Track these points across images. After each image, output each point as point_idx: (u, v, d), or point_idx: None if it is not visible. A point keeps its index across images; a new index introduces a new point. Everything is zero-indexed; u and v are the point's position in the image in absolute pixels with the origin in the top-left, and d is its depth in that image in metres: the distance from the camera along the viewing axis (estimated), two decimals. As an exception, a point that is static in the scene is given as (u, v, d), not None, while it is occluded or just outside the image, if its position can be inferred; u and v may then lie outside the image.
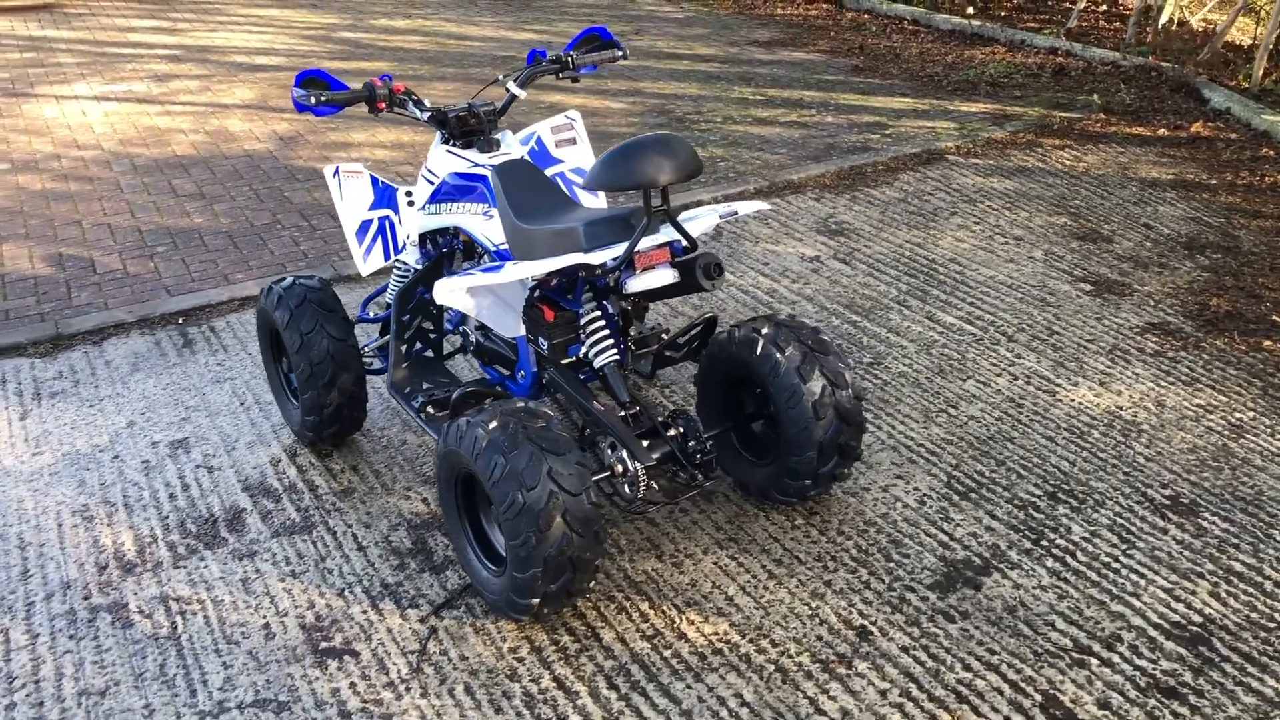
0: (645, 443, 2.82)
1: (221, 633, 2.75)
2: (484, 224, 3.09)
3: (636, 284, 2.73)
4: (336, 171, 3.26)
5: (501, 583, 2.65)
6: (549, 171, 3.45)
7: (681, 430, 2.87)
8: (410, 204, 3.33)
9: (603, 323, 2.91)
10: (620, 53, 3.44)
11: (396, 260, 3.45)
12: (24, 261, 5.02)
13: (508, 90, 3.38)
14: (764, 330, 2.94)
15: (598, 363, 2.92)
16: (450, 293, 2.76)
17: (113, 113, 7.23)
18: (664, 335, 3.27)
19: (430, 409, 3.13)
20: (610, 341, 2.91)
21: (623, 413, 2.90)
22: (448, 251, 3.34)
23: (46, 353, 4.21)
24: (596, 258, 2.71)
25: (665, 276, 2.75)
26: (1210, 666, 2.51)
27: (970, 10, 8.93)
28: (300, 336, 3.25)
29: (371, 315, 3.63)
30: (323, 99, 3.01)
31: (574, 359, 3.01)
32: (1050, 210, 5.08)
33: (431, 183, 3.27)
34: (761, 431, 3.10)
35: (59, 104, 7.50)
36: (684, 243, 2.75)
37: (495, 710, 2.48)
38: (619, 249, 2.70)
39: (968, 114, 6.49)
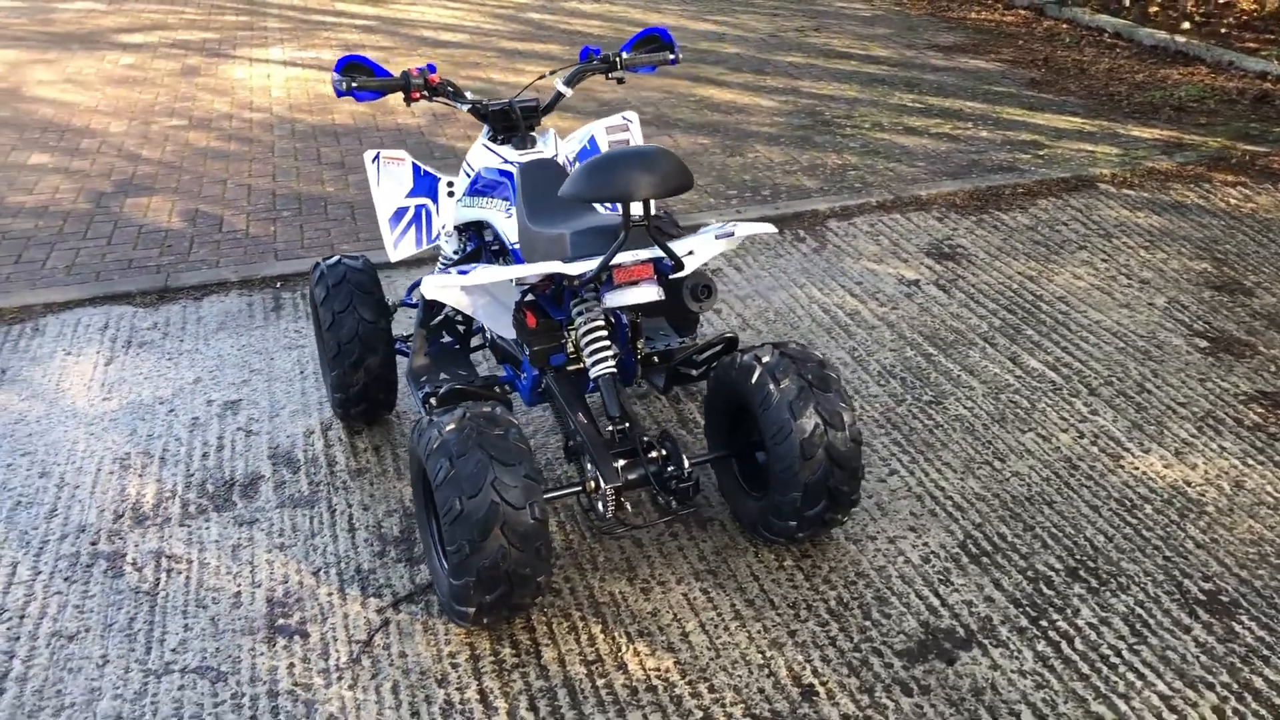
0: (623, 462, 2.73)
1: (195, 595, 2.85)
2: (505, 221, 3.06)
3: (615, 298, 2.65)
4: (377, 157, 3.30)
5: (446, 586, 2.62)
6: (598, 172, 3.38)
7: (664, 453, 2.76)
8: (450, 194, 3.34)
9: (602, 333, 2.83)
10: (671, 56, 3.34)
11: (440, 252, 3.46)
12: (164, 214, 5.34)
13: (555, 88, 3.33)
14: (765, 359, 2.79)
15: (593, 373, 2.84)
16: (439, 289, 2.74)
17: (293, 78, 7.60)
18: (691, 350, 3.16)
19: (433, 400, 3.14)
20: (608, 352, 2.83)
21: (611, 428, 2.81)
22: (495, 246, 3.32)
23: (150, 303, 4.46)
24: (576, 268, 2.63)
25: (647, 293, 2.65)
26: (1183, 792, 2.23)
27: (1185, 25, 8.24)
28: (332, 315, 3.31)
29: (414, 300, 3.67)
30: (353, 85, 3.05)
31: (577, 367, 2.95)
32: (1193, 253, 4.62)
33: (469, 176, 3.26)
34: (762, 463, 2.95)
35: (250, 66, 7.95)
36: (670, 260, 2.64)
37: (411, 713, 2.46)
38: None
39: (1137, 139, 5.99)
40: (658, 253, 2.62)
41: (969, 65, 7.52)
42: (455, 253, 3.38)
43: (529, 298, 2.87)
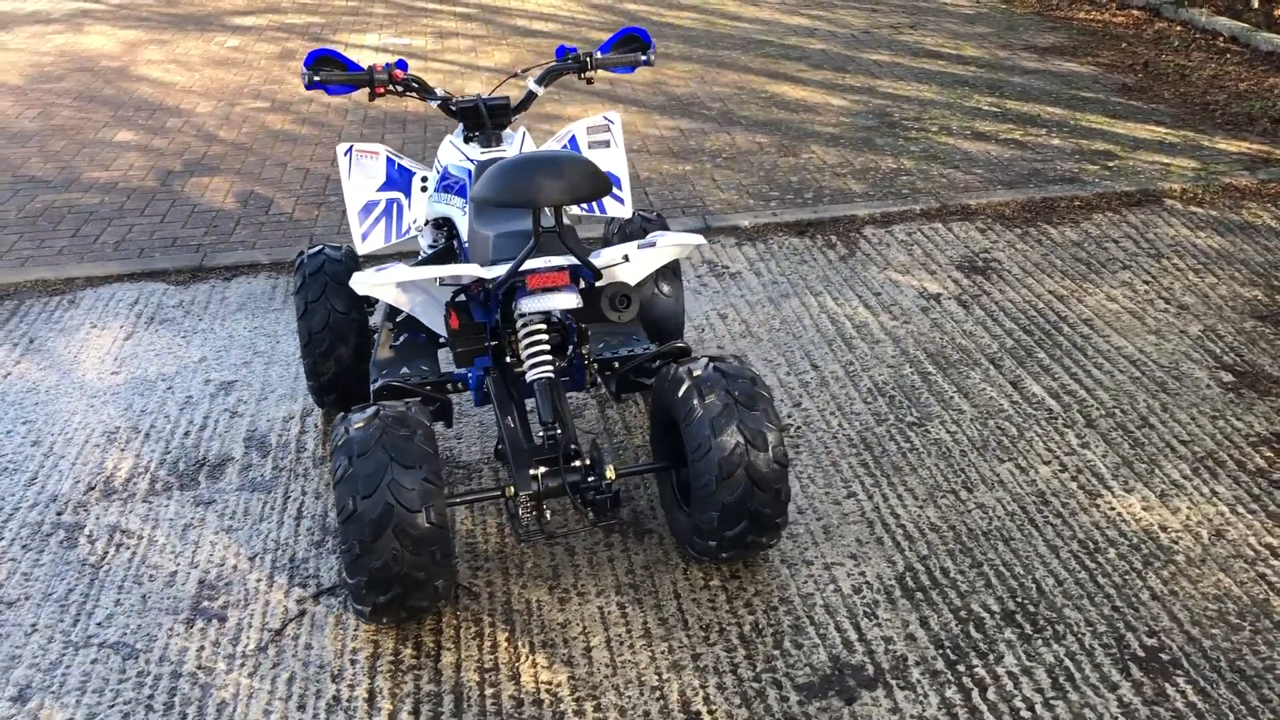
0: (544, 469, 2.70)
1: (135, 572, 2.94)
2: (462, 219, 3.06)
3: (530, 304, 2.62)
4: (349, 150, 3.33)
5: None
6: (577, 173, 3.35)
7: (588, 463, 2.72)
8: (424, 189, 3.35)
9: (540, 337, 2.80)
10: (644, 57, 3.28)
11: (426, 243, 3.48)
12: (220, 194, 5.52)
13: (528, 87, 3.30)
14: (696, 373, 2.72)
15: (529, 377, 2.82)
16: (368, 285, 2.75)
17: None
18: (643, 358, 3.10)
19: (385, 394, 3.15)
20: (545, 357, 2.80)
21: (543, 433, 2.78)
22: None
23: (183, 281, 4.62)
24: (493, 271, 2.61)
25: (562, 300, 2.61)
26: None
27: (1314, 31, 7.69)
28: (305, 303, 3.36)
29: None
30: (316, 78, 3.09)
31: (521, 369, 2.93)
32: (1247, 279, 4.32)
33: (439, 172, 3.27)
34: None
35: (343, 51, 8.13)
36: (591, 267, 2.59)
37: (298, 707, 2.49)
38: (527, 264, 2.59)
39: (1221, 153, 5.62)
40: (573, 260, 2.58)
41: (1061, 68, 7.18)
42: (430, 247, 3.39)
43: (461, 298, 2.86)
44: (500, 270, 2.61)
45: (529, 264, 2.56)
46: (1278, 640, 2.58)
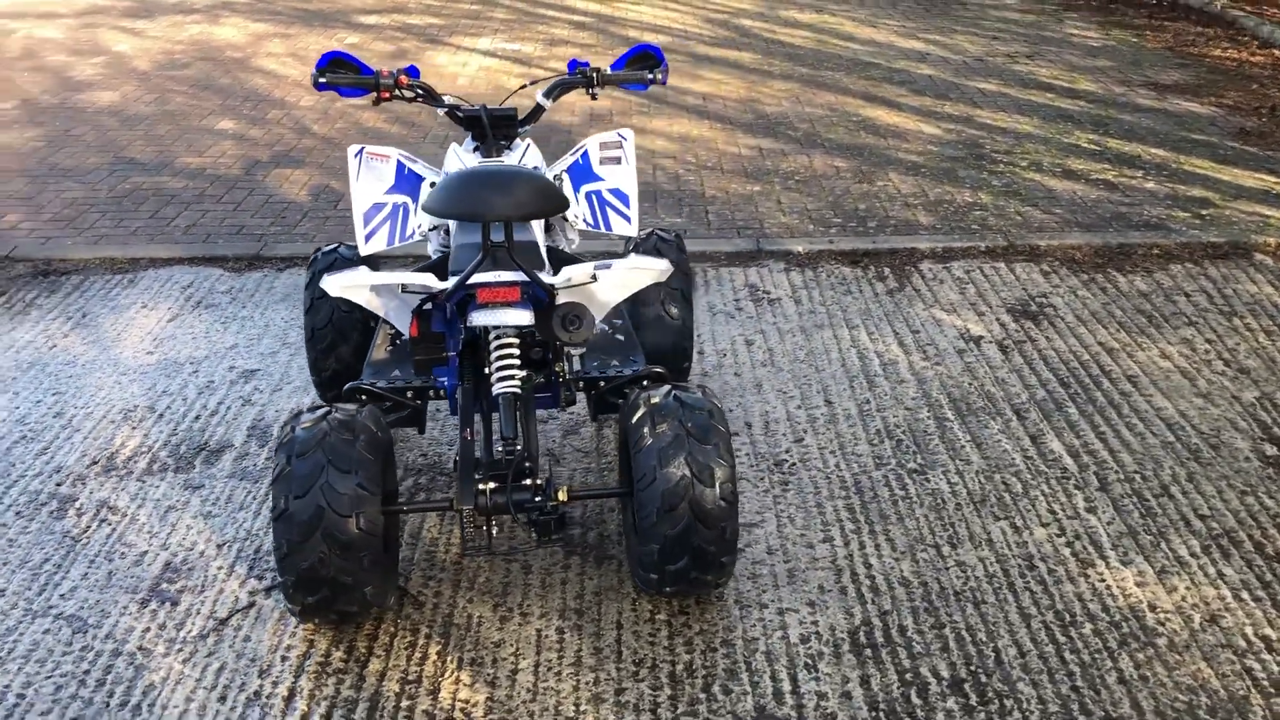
0: (493, 485, 2.67)
1: (109, 548, 3.02)
2: (455, 227, 3.06)
3: (479, 318, 2.59)
4: (360, 152, 3.35)
5: (285, 580, 2.66)
6: (586, 188, 3.32)
7: (539, 483, 2.68)
8: (431, 195, 3.36)
9: (509, 351, 2.77)
10: (651, 76, 3.21)
11: (432, 248, 3.49)
12: (297, 188, 5.67)
13: (536, 100, 3.28)
14: (654, 400, 2.65)
15: (494, 390, 2.79)
16: (339, 288, 2.76)
17: (485, 68, 7.88)
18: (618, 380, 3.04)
19: (355, 396, 3.17)
20: (512, 371, 2.77)
21: (501, 448, 2.75)
22: None
23: (238, 269, 4.76)
24: (447, 283, 2.59)
25: (513, 317, 2.58)
26: None
27: None
28: (311, 299, 3.42)
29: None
30: (321, 79, 3.13)
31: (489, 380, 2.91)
32: (1323, 345, 4.00)
33: (442, 179, 3.28)
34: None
35: (455, 54, 8.29)
36: (542, 285, 2.55)
37: (219, 698, 2.52)
38: (475, 278, 2.56)
39: (1330, 208, 5.24)
40: (523, 276, 2.54)
41: (1178, 108, 6.81)
42: (435, 252, 3.40)
43: (428, 306, 2.85)
44: (451, 282, 2.59)
45: (479, 278, 2.55)
46: (1247, 743, 2.37)
